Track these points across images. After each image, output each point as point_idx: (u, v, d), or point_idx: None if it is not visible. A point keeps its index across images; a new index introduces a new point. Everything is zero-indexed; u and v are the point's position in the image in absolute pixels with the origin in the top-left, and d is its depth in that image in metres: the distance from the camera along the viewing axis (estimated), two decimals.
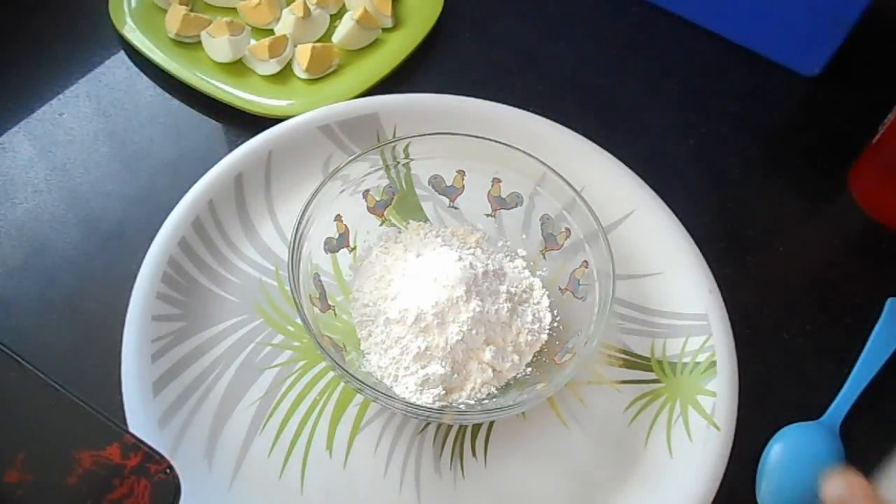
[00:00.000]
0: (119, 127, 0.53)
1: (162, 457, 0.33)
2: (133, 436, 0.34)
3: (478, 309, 0.41)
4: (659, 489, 0.41)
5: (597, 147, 0.51)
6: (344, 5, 0.59)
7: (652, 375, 0.45)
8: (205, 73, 0.54)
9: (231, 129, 0.53)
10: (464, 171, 0.47)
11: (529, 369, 0.43)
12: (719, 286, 0.46)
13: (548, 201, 0.46)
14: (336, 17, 0.58)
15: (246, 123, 0.52)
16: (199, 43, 0.55)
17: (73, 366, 0.43)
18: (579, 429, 0.43)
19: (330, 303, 0.44)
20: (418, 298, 0.42)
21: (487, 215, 0.48)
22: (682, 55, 0.61)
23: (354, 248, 0.46)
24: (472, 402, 0.42)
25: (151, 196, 0.49)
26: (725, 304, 0.46)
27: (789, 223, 0.53)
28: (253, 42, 0.55)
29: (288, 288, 0.40)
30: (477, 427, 0.43)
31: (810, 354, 0.47)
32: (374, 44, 0.57)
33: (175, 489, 0.33)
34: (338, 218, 0.45)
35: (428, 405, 0.40)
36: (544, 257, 0.47)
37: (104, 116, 0.53)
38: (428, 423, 0.43)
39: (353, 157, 0.44)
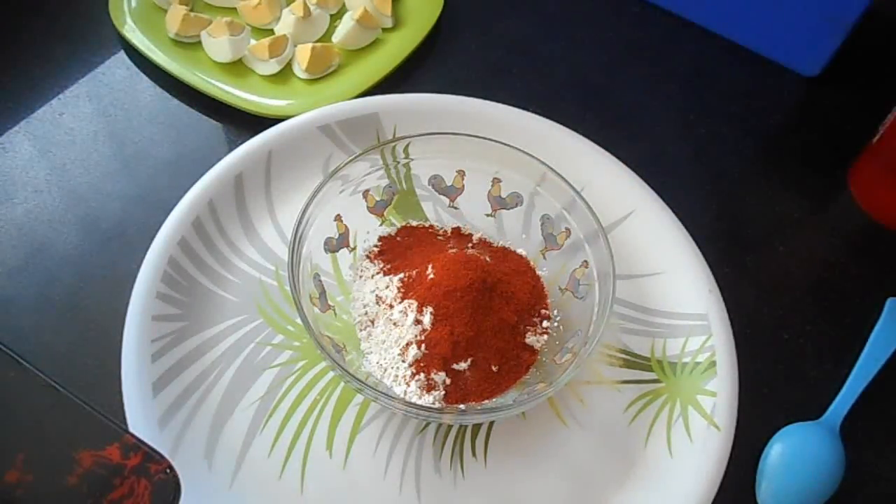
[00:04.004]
0: (119, 127, 0.53)
1: (162, 457, 0.33)
2: (133, 436, 0.34)
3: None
4: (659, 489, 0.41)
5: (597, 147, 0.51)
6: (344, 5, 0.59)
7: (652, 375, 0.45)
8: (205, 73, 0.54)
9: (231, 129, 0.53)
10: (464, 171, 0.47)
11: (529, 369, 0.43)
12: (719, 286, 0.46)
13: (548, 201, 0.46)
14: (336, 17, 0.58)
15: (246, 123, 0.52)
16: (199, 43, 0.55)
17: (73, 366, 0.43)
18: (579, 429, 0.43)
19: (330, 303, 0.44)
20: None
21: (487, 215, 0.48)
22: (682, 55, 0.61)
23: (354, 248, 0.46)
24: (472, 402, 0.41)
25: (151, 196, 0.49)
26: (725, 304, 0.46)
27: (789, 223, 0.53)
28: (253, 42, 0.55)
29: (288, 288, 0.40)
30: (477, 427, 0.43)
31: (810, 354, 0.47)
32: (374, 44, 0.57)
33: (175, 489, 0.33)
34: (338, 218, 0.45)
35: (428, 405, 0.40)
36: (544, 257, 0.47)
37: (104, 116, 0.53)
38: (428, 424, 0.43)
39: (353, 157, 0.44)
